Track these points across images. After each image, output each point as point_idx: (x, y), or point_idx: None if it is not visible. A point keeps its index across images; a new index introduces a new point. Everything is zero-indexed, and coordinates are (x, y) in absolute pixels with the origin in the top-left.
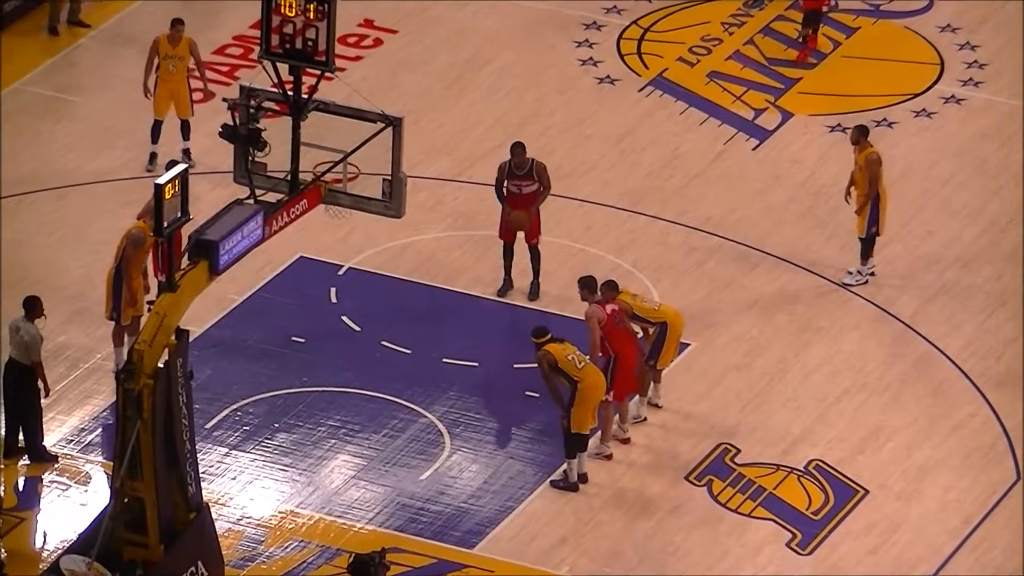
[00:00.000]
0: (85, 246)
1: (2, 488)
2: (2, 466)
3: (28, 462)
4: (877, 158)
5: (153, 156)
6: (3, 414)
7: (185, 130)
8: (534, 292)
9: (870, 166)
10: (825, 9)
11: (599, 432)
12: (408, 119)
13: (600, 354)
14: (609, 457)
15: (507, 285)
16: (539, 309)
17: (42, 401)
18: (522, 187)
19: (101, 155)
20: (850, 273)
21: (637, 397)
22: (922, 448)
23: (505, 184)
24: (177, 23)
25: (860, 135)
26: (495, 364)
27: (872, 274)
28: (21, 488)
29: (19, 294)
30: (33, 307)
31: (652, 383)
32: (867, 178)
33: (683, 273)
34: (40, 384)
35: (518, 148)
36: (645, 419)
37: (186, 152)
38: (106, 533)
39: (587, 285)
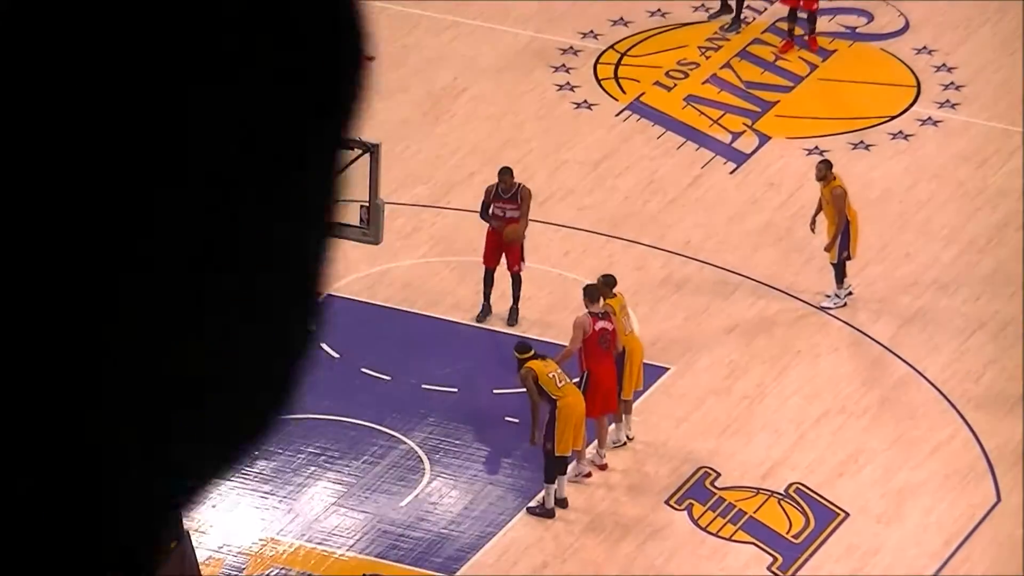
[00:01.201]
0: None
1: None
2: None
3: None
4: (843, 191)
5: None
6: None
7: None
8: (513, 318)
9: (837, 200)
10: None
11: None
12: (385, 146)
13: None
14: (588, 476)
15: (486, 311)
16: (518, 334)
17: None
18: (506, 210)
19: None
20: (828, 297)
21: (614, 424)
22: (902, 470)
23: (491, 208)
24: None
25: (827, 170)
26: (475, 390)
27: (850, 294)
28: None
29: None
30: None
31: (624, 414)
32: (835, 211)
33: (661, 298)
34: None
35: (506, 171)
36: (625, 443)
37: None
38: None
39: (589, 295)
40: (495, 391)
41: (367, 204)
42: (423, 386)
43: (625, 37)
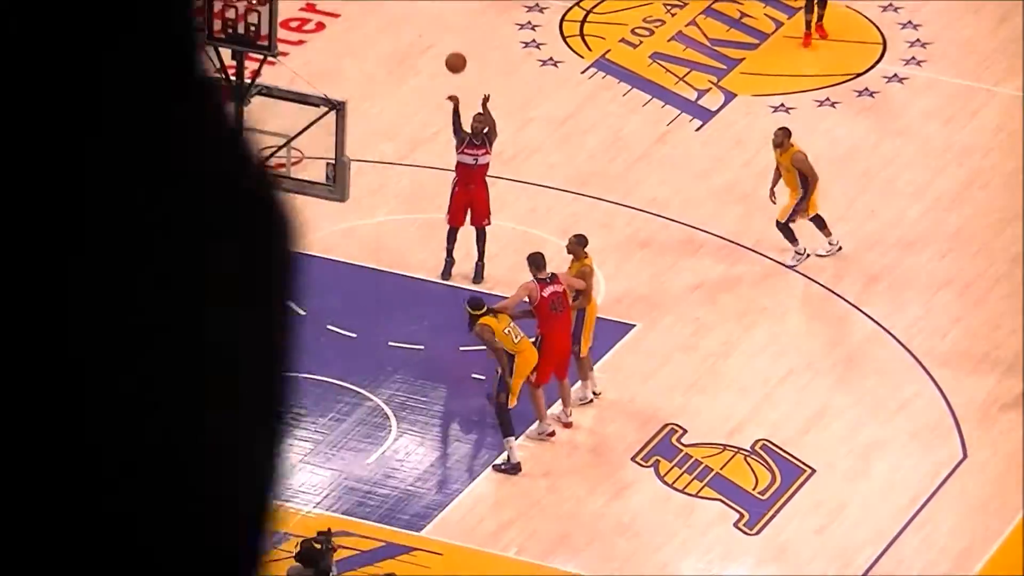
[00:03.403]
0: None
1: None
2: None
3: None
4: (803, 155)
5: None
6: None
7: None
8: (479, 275)
9: (800, 165)
10: None
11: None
12: (351, 103)
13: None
14: (552, 435)
15: (449, 267)
16: (484, 291)
17: None
18: (478, 157)
19: None
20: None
21: (580, 381)
22: (868, 427)
23: (459, 155)
24: None
25: (785, 136)
26: (441, 347)
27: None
28: None
29: None
30: None
31: (588, 371)
32: (797, 176)
33: (627, 255)
34: None
35: (478, 119)
36: (592, 400)
37: None
38: None
39: (534, 262)
40: (461, 348)
41: (333, 162)
42: (389, 343)
43: None
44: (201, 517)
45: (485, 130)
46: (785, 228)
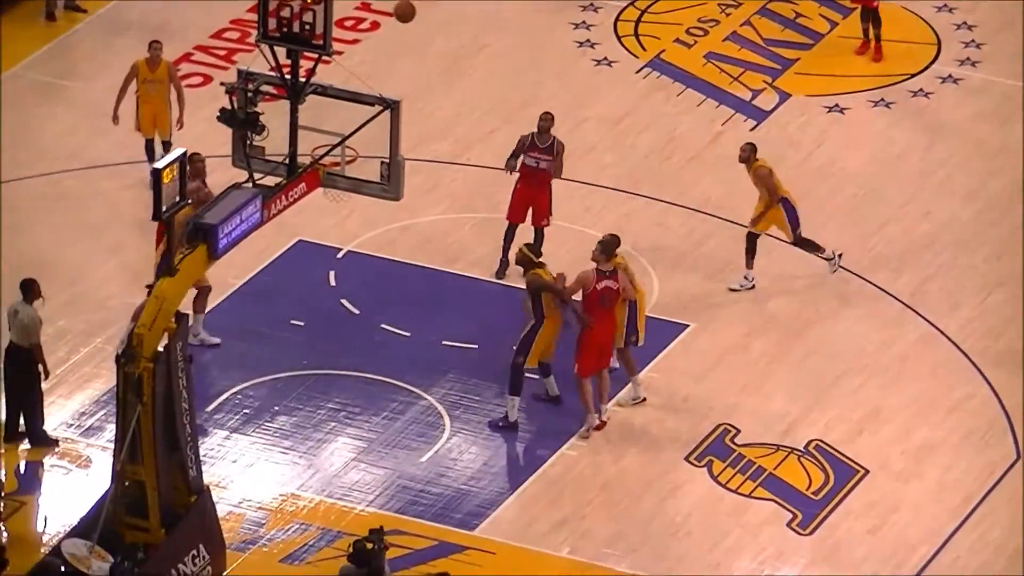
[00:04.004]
0: (83, 231)
1: (3, 472)
2: (3, 450)
3: (29, 446)
4: (767, 170)
5: None
6: (3, 398)
7: (167, 150)
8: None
9: (763, 180)
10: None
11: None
12: (406, 102)
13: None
14: (595, 429)
15: (504, 266)
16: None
17: (42, 385)
18: (540, 160)
19: (98, 140)
20: (831, 260)
21: (630, 384)
22: (922, 428)
23: (522, 157)
24: (155, 44)
25: (752, 152)
26: (494, 346)
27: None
28: (22, 472)
29: (17, 279)
30: (30, 289)
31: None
32: (764, 190)
33: (681, 255)
34: (40, 367)
35: (545, 117)
36: (644, 399)
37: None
38: (107, 517)
39: (605, 248)
40: (515, 347)
41: (387, 160)
42: (443, 342)
43: None
44: None
45: (551, 138)
46: (806, 243)
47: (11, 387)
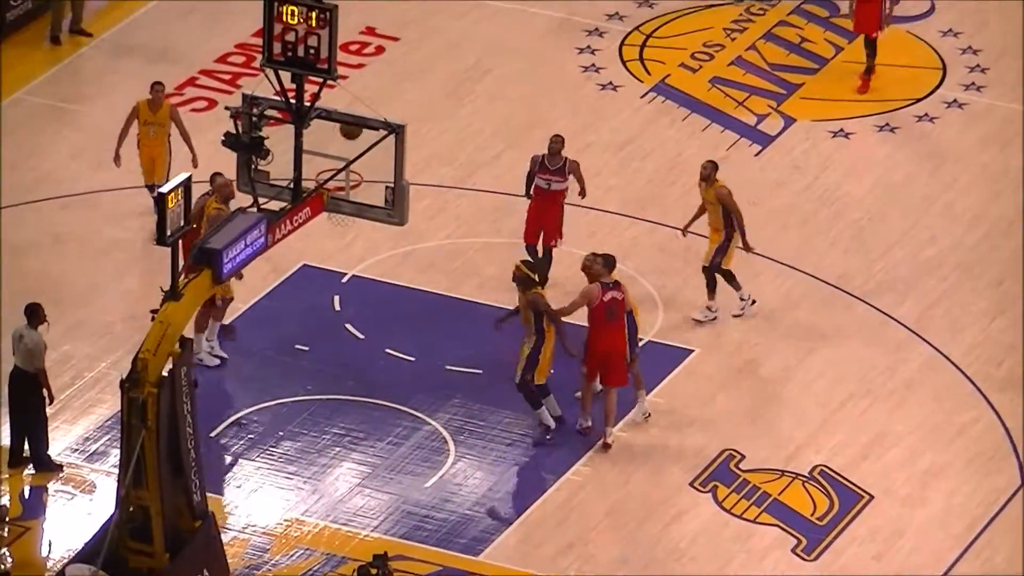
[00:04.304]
0: (89, 255)
1: (8, 497)
2: (7, 475)
3: (33, 471)
4: (727, 191)
5: None
6: (8, 422)
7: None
8: (544, 282)
9: (723, 200)
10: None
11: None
12: (410, 126)
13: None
14: (602, 449)
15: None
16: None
17: (47, 410)
18: (551, 182)
19: (104, 165)
20: (709, 309)
21: (640, 402)
22: (926, 453)
23: (535, 178)
24: (157, 86)
25: (713, 170)
26: (499, 370)
27: (754, 302)
28: (26, 497)
29: (22, 303)
30: (35, 314)
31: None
32: (721, 214)
33: (686, 279)
34: (44, 392)
35: (556, 139)
36: (649, 415)
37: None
38: (111, 542)
39: (606, 263)
40: (516, 370)
41: (392, 185)
42: (447, 367)
43: (651, 19)
44: None
45: (562, 160)
46: (710, 273)
47: (16, 412)
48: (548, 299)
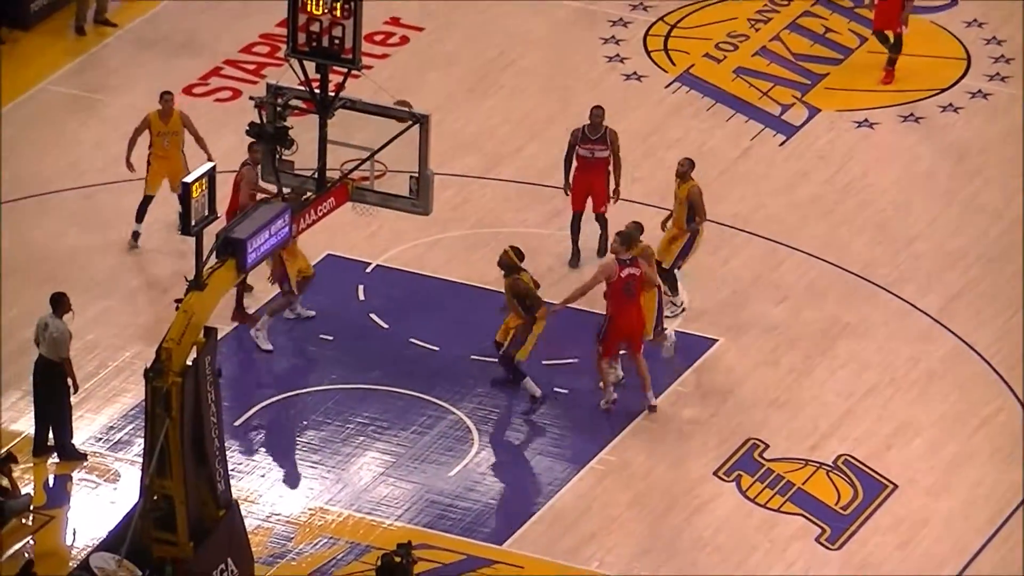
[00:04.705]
0: (114, 245)
1: (32, 486)
2: (32, 464)
3: (57, 460)
4: (699, 190)
5: (136, 235)
6: (33, 412)
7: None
8: (604, 249)
9: (694, 199)
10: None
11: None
12: (435, 116)
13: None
14: (614, 402)
15: (576, 256)
16: (573, 307)
17: (71, 398)
18: (594, 151)
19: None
20: (677, 307)
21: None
22: (950, 443)
23: (577, 149)
24: (166, 95)
25: (690, 168)
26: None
27: (684, 309)
28: (51, 486)
29: (47, 293)
30: (60, 303)
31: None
32: (689, 210)
33: (710, 269)
34: (69, 381)
35: (597, 111)
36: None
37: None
38: (136, 531)
39: (624, 239)
40: (544, 362)
41: (416, 175)
42: (472, 356)
43: (675, 9)
44: None
45: (603, 129)
46: (671, 275)
47: (40, 401)
48: (548, 286)
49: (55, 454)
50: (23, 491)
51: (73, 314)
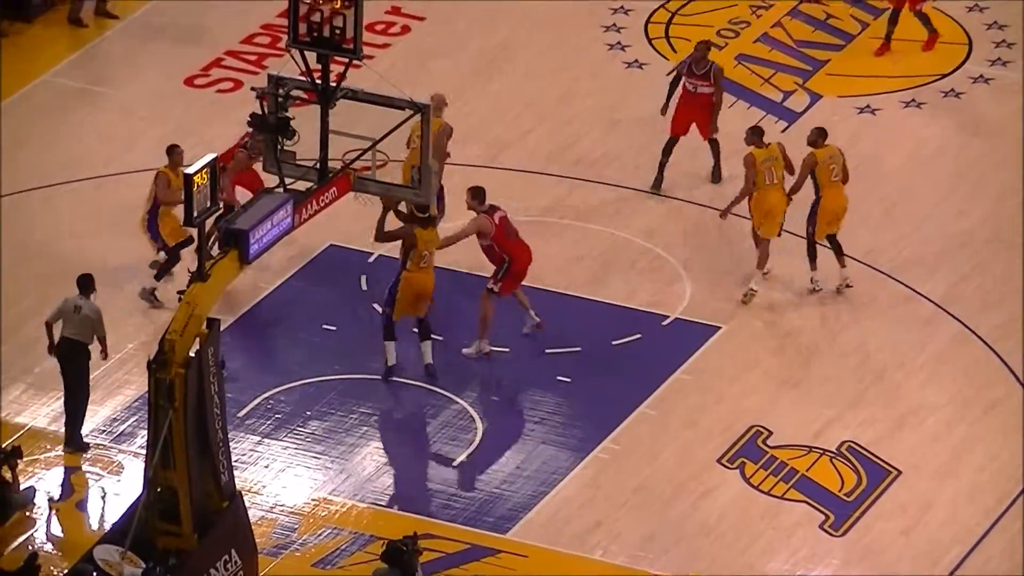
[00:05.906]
0: (122, 236)
1: (37, 479)
2: (57, 455)
3: (62, 451)
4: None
5: (153, 292)
6: (64, 396)
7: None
8: (716, 176)
9: (805, 166)
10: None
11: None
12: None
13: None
14: (489, 355)
15: (659, 181)
16: (566, 293)
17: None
18: (698, 86)
19: (135, 145)
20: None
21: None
22: (955, 429)
23: (682, 82)
24: (175, 149)
25: (819, 136)
26: (526, 349)
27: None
28: (55, 478)
29: (54, 284)
30: (88, 284)
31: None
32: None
33: (713, 256)
34: (101, 354)
35: (702, 45)
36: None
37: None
38: (139, 522)
39: (475, 195)
40: (547, 351)
41: (418, 164)
42: None
43: None
44: None
45: (708, 64)
46: (810, 246)
47: (71, 381)
48: (554, 271)
49: (60, 445)
50: (28, 484)
51: (96, 293)
